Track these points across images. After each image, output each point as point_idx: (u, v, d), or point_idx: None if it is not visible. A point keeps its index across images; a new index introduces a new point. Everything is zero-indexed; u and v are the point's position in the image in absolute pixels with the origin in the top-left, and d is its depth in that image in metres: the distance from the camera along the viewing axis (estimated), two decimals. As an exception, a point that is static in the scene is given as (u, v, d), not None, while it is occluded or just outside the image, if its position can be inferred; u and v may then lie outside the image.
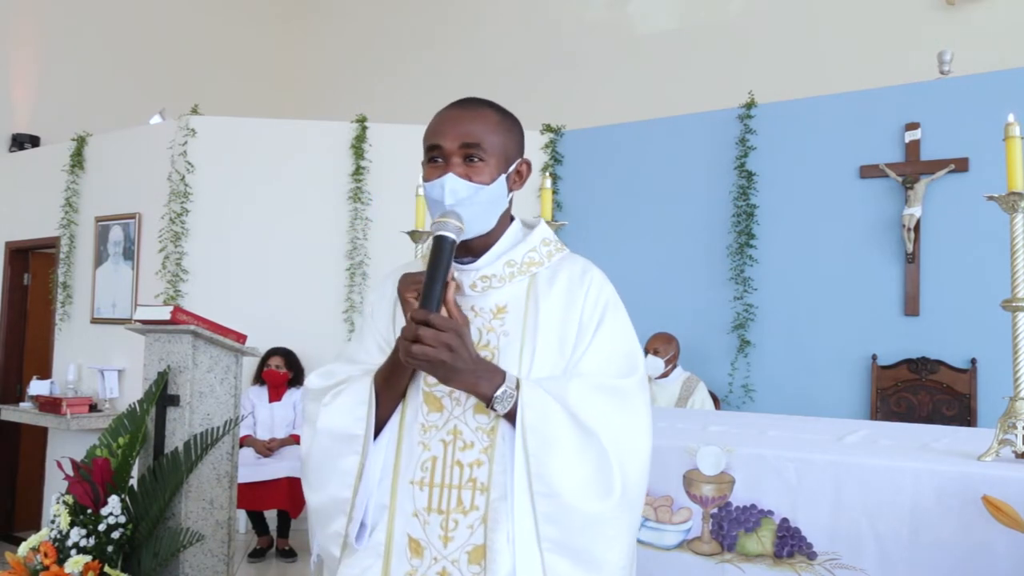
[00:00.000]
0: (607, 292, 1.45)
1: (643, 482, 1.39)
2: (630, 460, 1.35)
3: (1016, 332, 2.13)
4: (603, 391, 1.36)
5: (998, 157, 2.41)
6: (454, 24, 8.63)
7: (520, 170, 1.48)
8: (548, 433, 1.32)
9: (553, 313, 1.41)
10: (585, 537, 1.32)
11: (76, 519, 3.24)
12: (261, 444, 5.30)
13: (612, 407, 1.36)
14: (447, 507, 1.36)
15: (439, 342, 1.25)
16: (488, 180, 1.40)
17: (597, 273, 1.47)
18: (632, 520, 1.37)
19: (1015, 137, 2.14)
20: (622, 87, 7.23)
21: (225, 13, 8.92)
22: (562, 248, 1.52)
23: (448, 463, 1.37)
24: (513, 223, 1.51)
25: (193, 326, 3.57)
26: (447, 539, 1.35)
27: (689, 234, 5.37)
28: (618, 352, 1.41)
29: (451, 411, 1.39)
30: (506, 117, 1.47)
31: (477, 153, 1.40)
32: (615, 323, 1.43)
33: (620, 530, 1.34)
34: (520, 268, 1.45)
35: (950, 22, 6.05)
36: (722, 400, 5.10)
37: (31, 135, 7.02)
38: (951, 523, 1.95)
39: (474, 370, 1.31)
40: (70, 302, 6.16)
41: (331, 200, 5.71)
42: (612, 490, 1.32)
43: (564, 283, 1.44)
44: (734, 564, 2.25)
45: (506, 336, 1.41)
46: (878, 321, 4.78)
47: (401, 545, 1.37)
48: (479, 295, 1.44)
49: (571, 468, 1.31)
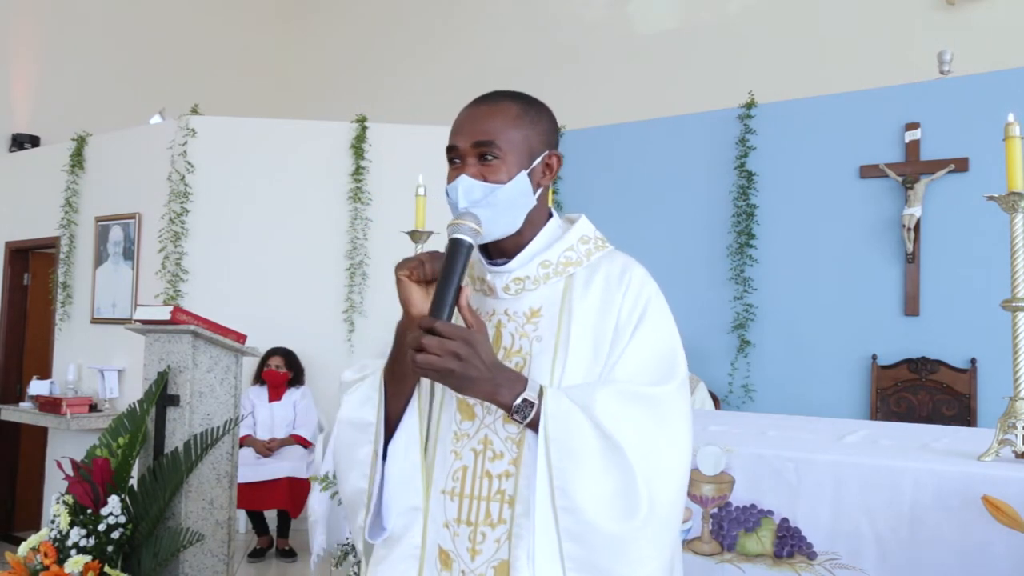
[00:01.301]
0: (647, 292, 1.35)
1: (677, 500, 1.27)
2: (660, 477, 1.24)
3: (1016, 332, 2.13)
4: (634, 400, 1.27)
5: (998, 157, 2.41)
6: (454, 24, 8.63)
7: (549, 163, 1.39)
8: (572, 445, 1.24)
9: (588, 316, 1.33)
10: (607, 557, 1.23)
11: (76, 519, 3.24)
12: (261, 444, 5.29)
13: (643, 418, 1.26)
14: (476, 519, 1.30)
15: (445, 351, 1.18)
16: (505, 178, 1.32)
17: (638, 272, 1.37)
18: (662, 541, 1.26)
19: (1015, 137, 2.14)
20: (622, 87, 7.23)
21: (225, 13, 8.92)
22: (603, 245, 1.43)
23: (478, 474, 1.31)
24: (551, 220, 1.42)
25: (193, 326, 3.58)
26: (475, 552, 1.29)
27: (689, 234, 5.37)
28: (656, 356, 1.31)
29: (482, 419, 1.33)
30: (530, 108, 1.38)
31: (491, 151, 1.32)
32: (655, 324, 1.32)
33: (647, 552, 1.24)
34: (556, 269, 1.37)
35: (950, 22, 6.05)
36: (722, 400, 5.10)
37: (31, 135, 7.02)
38: (951, 523, 1.95)
39: (491, 378, 1.23)
40: (70, 302, 6.16)
41: (331, 200, 5.71)
42: (637, 510, 1.22)
43: (601, 284, 1.35)
44: (734, 564, 2.25)
45: (539, 341, 1.33)
46: (878, 321, 4.78)
47: (432, 556, 1.32)
48: (512, 298, 1.37)
49: (594, 483, 1.23)
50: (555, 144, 1.42)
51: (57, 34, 7.36)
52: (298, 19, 9.70)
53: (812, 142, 5.06)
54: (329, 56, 9.46)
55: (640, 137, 5.64)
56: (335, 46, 9.45)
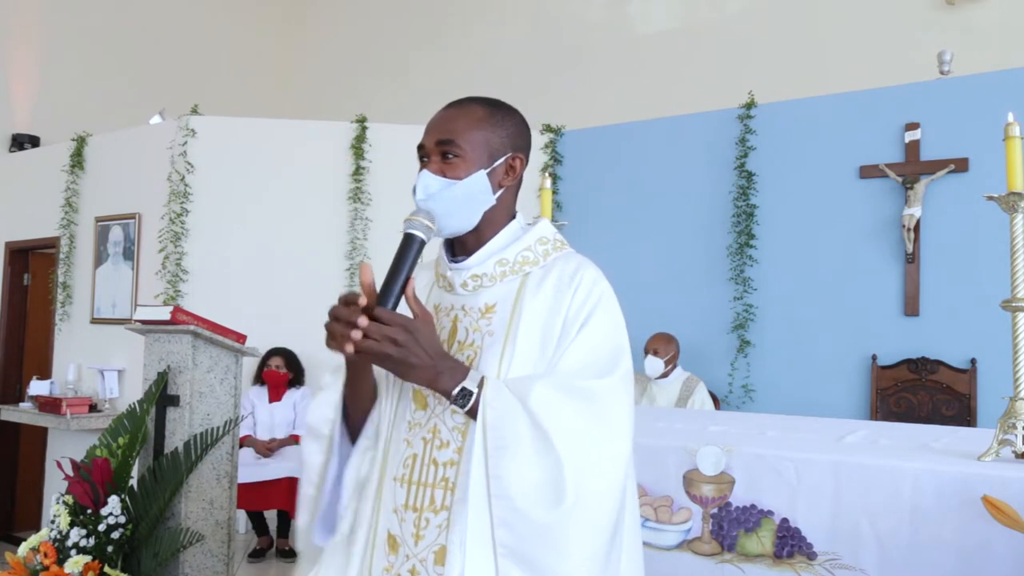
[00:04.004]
0: (598, 291, 1.39)
1: (608, 491, 1.29)
2: (590, 468, 1.27)
3: (1016, 332, 2.13)
4: (569, 392, 1.30)
5: (998, 157, 2.41)
6: (454, 24, 8.63)
7: (512, 165, 1.44)
8: (506, 434, 1.28)
9: (539, 313, 1.37)
10: (535, 546, 1.26)
11: (76, 519, 3.24)
12: (261, 444, 5.29)
13: (576, 410, 1.29)
14: (421, 505, 1.35)
15: (382, 335, 1.24)
16: (463, 175, 1.39)
17: (590, 272, 1.41)
18: (591, 531, 1.27)
19: (1015, 137, 2.14)
20: (622, 87, 7.23)
21: (225, 13, 8.92)
22: (561, 247, 1.48)
23: (426, 461, 1.36)
24: (513, 222, 1.47)
25: (193, 326, 3.58)
26: (419, 537, 1.34)
27: (689, 234, 5.37)
28: (599, 352, 1.35)
29: (433, 409, 1.38)
30: (496, 112, 1.44)
31: (452, 149, 1.40)
32: (600, 323, 1.36)
33: (574, 542, 1.26)
34: (512, 267, 1.43)
35: (950, 22, 6.05)
36: (722, 400, 5.10)
37: (31, 135, 7.02)
38: (951, 523, 1.95)
39: (433, 366, 1.29)
40: (70, 302, 6.16)
41: (331, 200, 5.71)
42: (562, 499, 1.25)
43: (553, 283, 1.40)
44: (734, 564, 2.25)
45: (490, 336, 1.39)
46: (878, 321, 4.78)
47: (382, 540, 1.37)
48: (470, 294, 1.43)
49: (524, 472, 1.27)
50: (521, 148, 1.47)
51: (57, 34, 7.35)
52: (298, 19, 9.70)
53: (812, 142, 5.06)
54: (329, 56, 9.46)
55: (640, 137, 5.63)
56: (335, 46, 9.45)
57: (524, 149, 1.48)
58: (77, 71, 7.37)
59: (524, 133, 1.48)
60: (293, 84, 9.44)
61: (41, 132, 7.05)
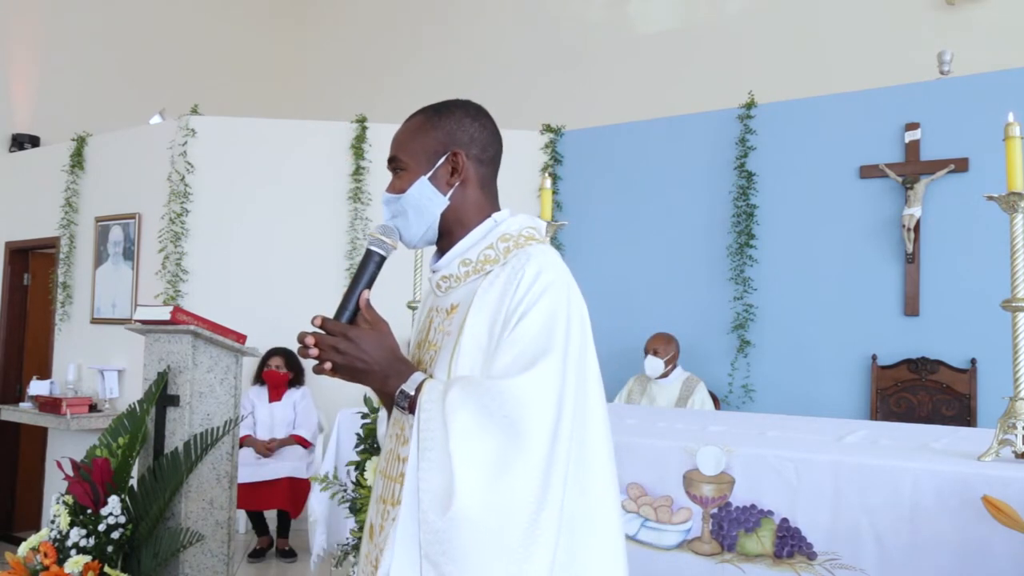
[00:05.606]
0: (541, 283, 1.33)
1: (509, 497, 1.22)
2: (483, 474, 1.23)
3: (1016, 332, 2.13)
4: (476, 394, 1.27)
5: (998, 157, 2.41)
6: (454, 24, 8.63)
7: (453, 162, 1.43)
8: (429, 436, 1.28)
9: (485, 312, 1.35)
10: (436, 551, 1.24)
11: (76, 519, 3.24)
12: (261, 444, 5.29)
13: (476, 413, 1.25)
14: (387, 497, 1.41)
15: (325, 345, 1.33)
16: (407, 187, 1.44)
17: (536, 264, 1.35)
18: (486, 539, 1.22)
19: (1015, 137, 2.14)
20: (622, 87, 7.23)
21: (225, 13, 8.91)
22: (524, 244, 1.42)
23: (393, 457, 1.42)
24: (487, 220, 1.45)
25: (193, 326, 3.57)
26: (381, 528, 1.40)
27: (689, 234, 5.37)
28: (529, 345, 1.29)
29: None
30: (432, 116, 1.45)
31: (398, 164, 1.46)
32: (537, 314, 1.31)
33: (473, 551, 1.21)
34: (475, 267, 1.42)
35: (950, 22, 6.05)
36: (722, 400, 5.10)
37: (31, 135, 7.02)
38: (951, 523, 1.95)
39: (380, 370, 1.34)
40: (70, 302, 6.16)
41: (331, 200, 5.71)
42: (449, 506, 1.22)
43: (503, 280, 1.36)
44: (734, 564, 2.25)
45: (447, 336, 1.41)
46: (878, 321, 4.78)
47: (367, 527, 1.47)
48: (443, 295, 1.47)
49: (431, 475, 1.27)
50: (463, 143, 1.45)
51: (57, 34, 7.35)
52: (298, 19, 9.69)
53: (812, 142, 5.06)
54: (329, 56, 9.46)
55: (640, 137, 5.63)
56: (335, 46, 9.45)
57: (467, 143, 1.44)
58: (77, 71, 7.36)
59: (466, 127, 1.45)
60: (293, 84, 9.44)
61: (41, 132, 7.05)
